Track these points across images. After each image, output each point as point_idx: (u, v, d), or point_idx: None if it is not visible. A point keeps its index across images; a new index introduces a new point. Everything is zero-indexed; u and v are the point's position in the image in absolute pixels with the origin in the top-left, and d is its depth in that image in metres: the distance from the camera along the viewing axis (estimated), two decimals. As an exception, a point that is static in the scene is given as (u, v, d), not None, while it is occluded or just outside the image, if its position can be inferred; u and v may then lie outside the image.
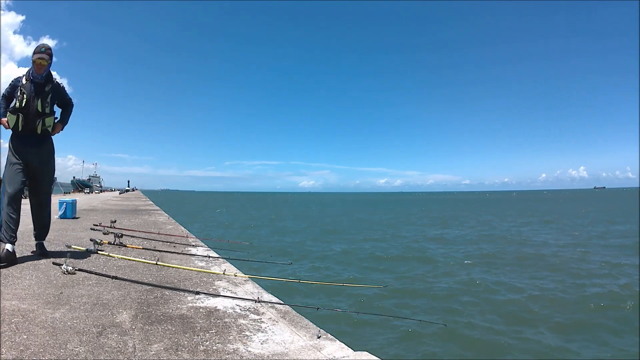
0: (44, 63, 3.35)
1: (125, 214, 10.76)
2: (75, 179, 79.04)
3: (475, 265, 11.92)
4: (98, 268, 3.32)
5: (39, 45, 3.39)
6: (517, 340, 6.13)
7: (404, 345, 5.93)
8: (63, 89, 3.63)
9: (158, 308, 2.33)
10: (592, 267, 11.41)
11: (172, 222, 8.81)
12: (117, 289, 2.69)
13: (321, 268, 11.92)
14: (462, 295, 8.60)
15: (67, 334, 1.84)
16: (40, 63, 3.33)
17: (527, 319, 7.06)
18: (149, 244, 4.98)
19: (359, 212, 46.14)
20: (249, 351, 1.77)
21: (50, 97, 3.46)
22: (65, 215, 8.18)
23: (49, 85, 3.46)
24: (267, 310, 2.40)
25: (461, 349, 5.85)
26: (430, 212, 44.23)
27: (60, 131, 3.70)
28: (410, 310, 7.51)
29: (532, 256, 13.29)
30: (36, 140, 3.48)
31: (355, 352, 1.79)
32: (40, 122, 3.42)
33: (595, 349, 5.88)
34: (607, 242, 16.47)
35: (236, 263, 4.19)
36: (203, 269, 3.51)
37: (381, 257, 13.59)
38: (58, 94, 3.56)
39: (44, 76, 3.41)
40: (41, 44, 3.40)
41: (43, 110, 3.42)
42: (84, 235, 5.57)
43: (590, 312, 7.48)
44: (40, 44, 3.40)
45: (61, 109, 3.72)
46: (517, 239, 18.17)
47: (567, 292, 8.82)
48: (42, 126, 3.44)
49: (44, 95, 3.42)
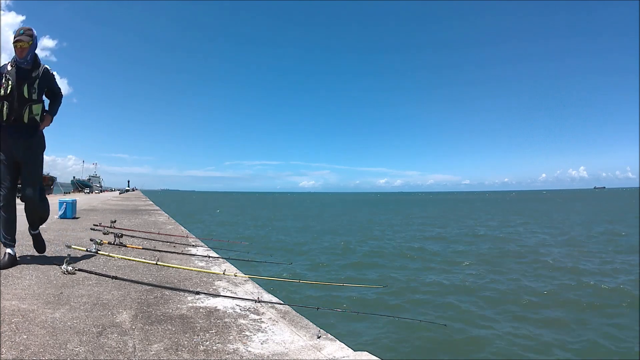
0: (24, 46, 3.08)
1: (125, 214, 10.76)
2: (75, 179, 79.10)
3: (476, 265, 11.92)
4: (98, 268, 3.32)
5: (18, 28, 3.14)
6: (517, 341, 6.13)
7: (404, 345, 5.93)
8: (52, 76, 3.36)
9: (158, 308, 2.33)
10: (591, 267, 11.42)
11: (172, 222, 8.81)
12: (117, 289, 2.69)
13: (321, 268, 11.93)
14: (463, 296, 8.60)
15: (67, 334, 1.83)
16: (21, 46, 3.07)
17: (527, 319, 7.06)
18: (149, 244, 4.98)
19: (359, 212, 46.13)
20: (249, 351, 1.77)
21: (37, 83, 3.19)
22: (65, 215, 8.18)
23: (36, 70, 3.21)
24: (267, 310, 2.40)
25: (462, 349, 5.85)
26: (430, 212, 44.23)
27: (50, 123, 3.41)
28: (410, 310, 7.51)
29: (532, 256, 13.29)
30: (23, 131, 3.21)
31: (355, 352, 1.79)
32: (27, 110, 3.15)
33: (594, 350, 5.88)
34: (603, 241, 16.48)
35: (236, 263, 4.19)
36: (203, 269, 3.51)
37: (381, 257, 13.59)
38: (46, 80, 3.29)
39: (29, 61, 3.16)
40: (21, 27, 3.15)
41: (30, 96, 3.15)
42: (84, 235, 5.57)
43: (590, 312, 7.49)
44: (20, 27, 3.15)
45: (49, 100, 3.45)
46: (515, 238, 18.17)
47: (566, 290, 8.82)
48: (30, 114, 3.17)
49: (31, 80, 3.16)
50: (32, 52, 3.17)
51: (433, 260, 12.94)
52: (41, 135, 3.40)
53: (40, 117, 3.27)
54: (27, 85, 3.13)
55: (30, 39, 3.12)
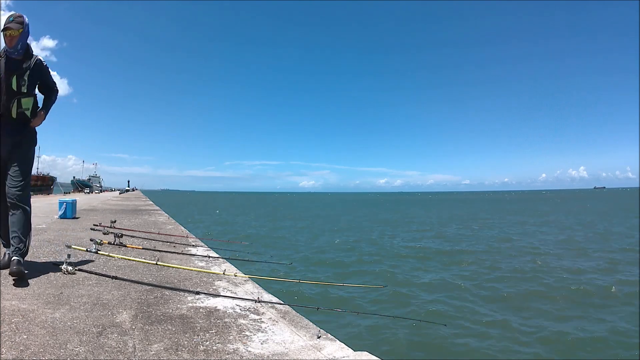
0: (13, 34, 2.82)
1: (125, 214, 10.76)
2: (75, 179, 79.21)
3: (476, 265, 11.92)
4: (98, 268, 3.32)
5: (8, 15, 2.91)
6: (517, 340, 6.13)
7: (404, 345, 5.93)
8: (46, 68, 3.09)
9: (158, 308, 2.33)
10: (591, 267, 11.42)
11: (172, 222, 8.81)
12: (117, 289, 2.69)
13: (321, 268, 11.93)
14: (463, 296, 8.60)
15: (67, 334, 1.84)
16: (10, 34, 2.81)
17: (527, 319, 7.06)
18: (149, 244, 4.98)
19: (359, 212, 46.14)
20: (249, 351, 1.77)
21: (28, 74, 2.92)
22: (65, 215, 8.18)
23: (28, 61, 2.94)
24: (267, 310, 2.40)
25: (462, 349, 5.85)
26: (430, 211, 44.25)
27: (42, 121, 3.11)
28: (410, 310, 7.51)
29: (532, 256, 13.29)
30: (11, 127, 2.92)
31: (355, 352, 1.79)
32: (15, 103, 2.88)
33: (594, 351, 5.88)
34: (603, 241, 16.49)
35: (236, 263, 4.19)
36: (203, 269, 3.51)
37: (381, 257, 13.59)
38: (39, 73, 3.02)
39: (20, 51, 2.89)
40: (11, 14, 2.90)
41: (19, 89, 2.88)
42: (84, 235, 5.57)
43: (590, 312, 7.49)
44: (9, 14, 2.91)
45: (44, 95, 3.17)
46: (515, 238, 18.18)
47: (566, 290, 8.82)
48: (18, 108, 2.89)
49: (21, 72, 2.89)
50: (22, 41, 2.90)
51: (433, 260, 12.95)
52: (32, 132, 3.10)
53: (31, 112, 2.99)
54: (17, 77, 2.87)
55: (21, 27, 2.86)
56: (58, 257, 3.56)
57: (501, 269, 11.33)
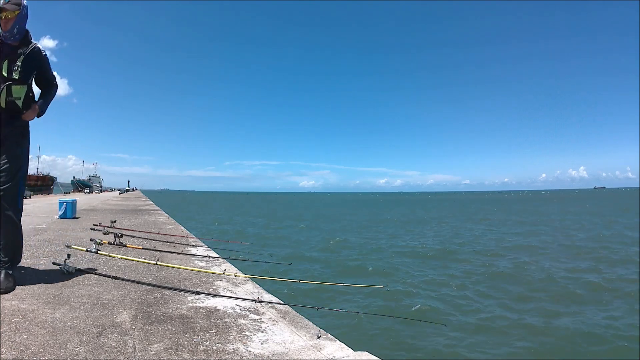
0: (9, 16, 2.54)
1: (125, 214, 10.76)
2: (75, 179, 79.29)
3: (476, 265, 11.93)
4: (98, 268, 3.31)
5: None
6: (517, 340, 6.13)
7: (404, 345, 5.93)
8: (46, 57, 2.83)
9: (158, 308, 2.33)
10: (591, 266, 11.43)
11: (172, 222, 8.81)
12: (117, 289, 2.69)
13: (321, 268, 11.93)
14: (463, 295, 8.60)
15: (67, 334, 1.83)
16: (5, 17, 2.54)
17: (528, 318, 7.06)
18: (149, 244, 4.98)
19: (359, 212, 46.15)
20: (249, 351, 1.77)
21: (22, 60, 2.64)
22: (65, 215, 8.19)
23: (24, 47, 2.67)
24: (267, 310, 2.40)
25: (462, 349, 5.85)
26: (430, 211, 44.25)
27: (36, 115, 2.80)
28: (410, 310, 7.51)
29: (531, 256, 13.29)
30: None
31: (355, 352, 1.79)
32: (5, 90, 2.57)
33: (595, 349, 5.88)
34: (603, 241, 16.49)
35: (236, 263, 4.19)
36: (203, 269, 3.50)
37: (381, 257, 13.60)
38: (35, 61, 2.73)
39: (16, 35, 2.62)
40: None
41: (9, 74, 2.59)
42: (84, 235, 5.57)
43: (590, 311, 7.49)
44: None
45: (42, 89, 2.91)
46: (515, 238, 18.18)
47: (566, 289, 8.82)
48: (8, 96, 2.58)
49: (14, 57, 2.62)
50: (19, 25, 2.62)
51: (433, 260, 12.95)
52: (24, 125, 2.78)
53: (23, 103, 2.67)
54: (8, 62, 2.59)
55: (17, 8, 2.57)
56: (58, 257, 3.56)
57: (501, 269, 11.34)
